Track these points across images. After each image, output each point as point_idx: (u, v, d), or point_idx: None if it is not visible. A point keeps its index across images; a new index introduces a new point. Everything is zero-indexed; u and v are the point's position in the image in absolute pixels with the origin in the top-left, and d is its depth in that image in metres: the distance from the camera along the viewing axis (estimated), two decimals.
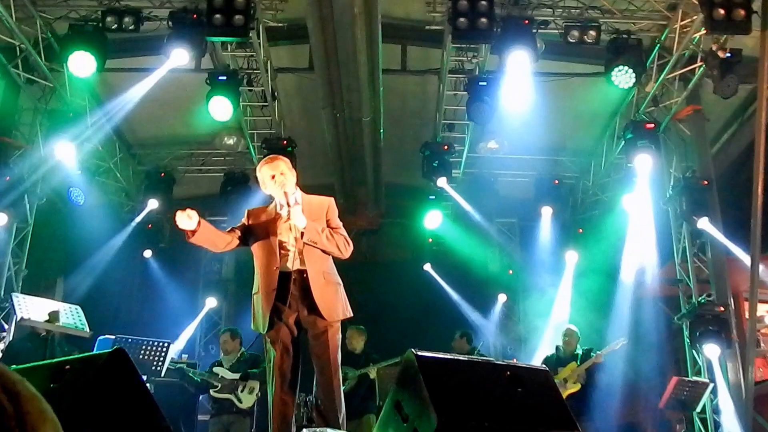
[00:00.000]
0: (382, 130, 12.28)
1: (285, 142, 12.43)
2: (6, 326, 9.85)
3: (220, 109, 10.90)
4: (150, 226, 14.16)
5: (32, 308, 8.50)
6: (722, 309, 11.01)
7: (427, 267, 15.59)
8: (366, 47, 10.07)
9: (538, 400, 4.23)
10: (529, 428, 4.09)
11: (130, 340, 8.98)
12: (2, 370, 1.05)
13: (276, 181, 5.59)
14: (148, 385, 6.73)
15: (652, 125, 11.59)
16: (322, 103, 11.61)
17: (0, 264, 11.41)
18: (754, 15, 9.13)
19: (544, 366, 5.00)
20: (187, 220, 5.25)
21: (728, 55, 10.06)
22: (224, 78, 10.97)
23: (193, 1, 10.20)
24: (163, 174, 14.01)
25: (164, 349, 9.02)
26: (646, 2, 10.52)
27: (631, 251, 12.88)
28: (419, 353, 4.19)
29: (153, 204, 13.63)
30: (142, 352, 8.84)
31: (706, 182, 11.61)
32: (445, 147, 12.93)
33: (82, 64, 10.17)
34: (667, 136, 12.18)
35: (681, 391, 10.01)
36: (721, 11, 9.11)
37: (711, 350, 10.84)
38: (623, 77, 10.37)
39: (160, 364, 8.94)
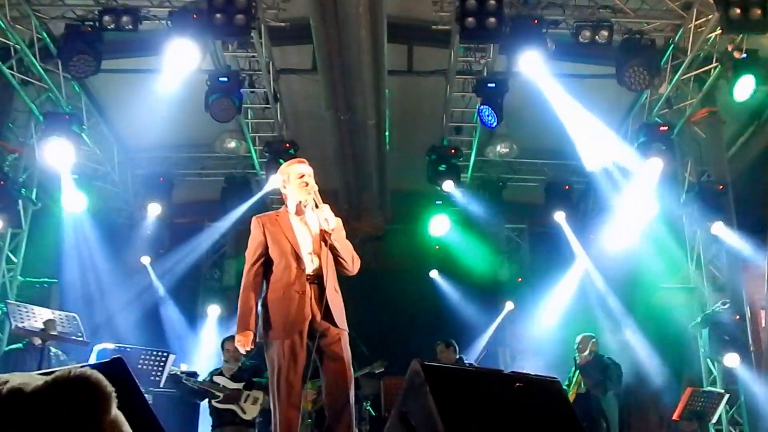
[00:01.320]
0: (387, 134, 12.28)
1: (287, 145, 12.45)
2: None
3: (222, 111, 10.90)
4: (149, 232, 14.14)
5: (27, 316, 8.50)
6: (738, 317, 10.98)
7: (434, 274, 15.57)
8: (371, 48, 10.06)
9: (548, 411, 4.23)
10: None
11: (128, 349, 8.98)
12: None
13: (303, 180, 5.74)
14: (146, 396, 6.72)
15: (666, 128, 11.57)
16: (325, 105, 11.61)
17: None
18: None
19: (554, 376, 4.99)
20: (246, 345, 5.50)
21: (744, 55, 10.05)
22: (225, 79, 10.97)
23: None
24: (162, 178, 14.01)
25: (163, 359, 9.00)
26: (660, 1, 10.50)
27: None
28: (425, 363, 4.18)
29: (155, 209, 13.63)
30: (141, 361, 8.82)
31: (721, 186, 11.58)
32: (453, 151, 12.93)
33: (79, 65, 10.18)
34: (681, 139, 12.15)
35: (696, 402, 9.98)
36: (737, 10, 9.09)
37: (731, 360, 10.77)
38: (636, 79, 10.36)
39: (158, 374, 8.92)
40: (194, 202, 15.21)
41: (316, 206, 5.65)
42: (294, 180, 5.77)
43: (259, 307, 5.62)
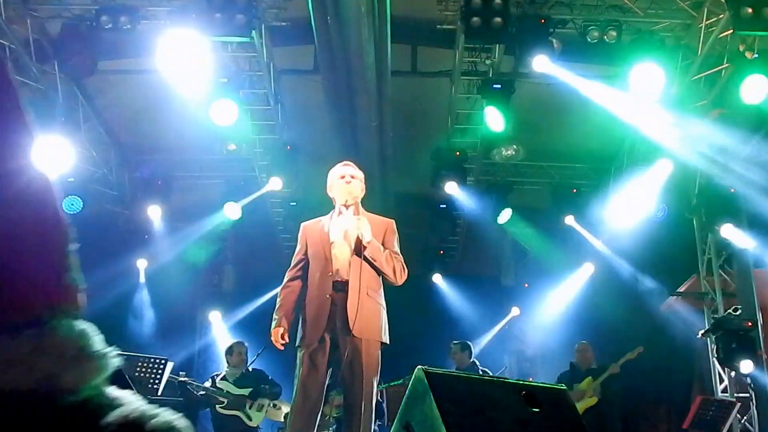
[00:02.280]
0: (390, 135, 12.27)
1: (288, 147, 12.44)
2: None
3: (223, 112, 10.89)
4: (146, 236, 14.12)
5: None
6: (749, 324, 10.94)
7: (437, 279, 15.57)
8: (374, 48, 10.04)
9: (556, 421, 4.21)
10: None
11: (124, 356, 8.95)
12: None
13: (344, 181, 5.82)
14: None
15: None
16: (327, 106, 11.60)
17: None
18: None
19: (562, 385, 4.97)
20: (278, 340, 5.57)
21: (756, 55, 10.02)
22: (225, 80, 10.97)
23: None
24: (160, 181, 13.98)
25: (161, 366, 8.99)
26: (670, 1, 10.49)
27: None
28: (429, 370, 4.16)
29: (156, 212, 13.61)
30: (138, 368, 8.82)
31: (733, 189, 11.54)
32: (457, 153, 12.91)
33: (75, 66, 10.17)
34: None
35: (706, 411, 9.96)
36: (749, 9, 9.05)
37: (746, 366, 10.74)
38: (646, 79, 10.34)
39: (157, 381, 8.92)
40: (193, 205, 15.20)
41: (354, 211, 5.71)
42: (336, 182, 5.83)
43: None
